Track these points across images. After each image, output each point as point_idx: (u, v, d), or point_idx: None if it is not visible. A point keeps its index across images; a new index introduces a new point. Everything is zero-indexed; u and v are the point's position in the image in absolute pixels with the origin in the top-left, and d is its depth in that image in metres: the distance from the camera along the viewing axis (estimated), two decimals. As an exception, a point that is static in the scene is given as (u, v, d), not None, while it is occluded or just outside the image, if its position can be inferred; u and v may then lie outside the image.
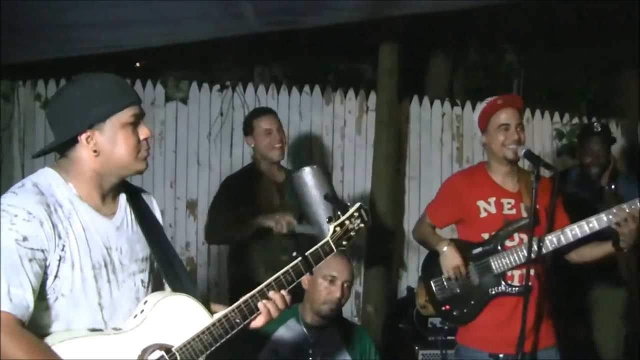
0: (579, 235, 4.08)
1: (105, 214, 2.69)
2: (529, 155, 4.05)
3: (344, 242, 3.00)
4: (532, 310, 4.12)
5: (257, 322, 2.83)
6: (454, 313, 4.30)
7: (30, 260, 2.47)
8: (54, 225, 2.53)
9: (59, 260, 2.54)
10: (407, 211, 7.05)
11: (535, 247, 4.03)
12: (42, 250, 2.50)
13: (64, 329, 2.57)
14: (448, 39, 7.81)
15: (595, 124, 6.02)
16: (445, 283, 4.30)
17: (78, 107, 2.59)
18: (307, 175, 4.59)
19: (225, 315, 2.74)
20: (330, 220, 3.01)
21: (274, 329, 3.96)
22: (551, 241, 4.10)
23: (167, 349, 2.65)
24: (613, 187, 5.60)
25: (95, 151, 2.61)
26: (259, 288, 2.82)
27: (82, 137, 2.60)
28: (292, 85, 6.94)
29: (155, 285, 2.85)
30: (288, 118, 6.70)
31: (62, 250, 2.54)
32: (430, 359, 5.52)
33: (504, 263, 4.15)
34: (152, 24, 5.21)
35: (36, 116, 6.53)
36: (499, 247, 4.17)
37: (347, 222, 3.01)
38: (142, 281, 2.77)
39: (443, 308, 4.32)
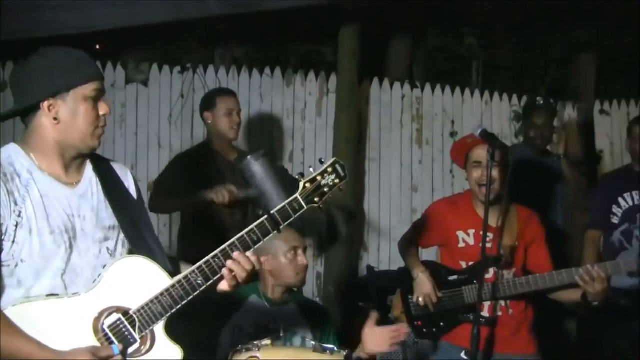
0: (548, 285, 4.26)
1: (67, 182, 2.75)
2: (485, 134, 4.14)
3: (316, 199, 2.88)
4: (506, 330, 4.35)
5: (223, 285, 2.79)
6: (424, 330, 4.49)
7: None
8: (9, 193, 2.60)
9: (16, 226, 2.60)
10: (368, 192, 7.11)
11: (505, 286, 4.28)
12: None
13: (25, 294, 2.61)
14: (408, 22, 7.85)
15: (538, 98, 6.22)
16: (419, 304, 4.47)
17: (43, 76, 2.67)
18: (253, 164, 4.58)
19: (186, 277, 2.72)
20: (301, 177, 2.90)
21: (236, 306, 4.03)
22: (521, 284, 4.28)
23: (125, 312, 2.66)
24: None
25: (55, 119, 2.68)
26: (221, 247, 2.77)
27: (45, 105, 2.68)
28: (252, 67, 6.95)
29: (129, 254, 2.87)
30: (249, 100, 6.73)
31: (19, 216, 2.60)
32: (389, 336, 5.58)
33: (476, 296, 4.26)
34: (113, 5, 5.21)
35: (-6, 97, 6.49)
36: (474, 281, 4.31)
37: (319, 177, 2.89)
38: (109, 249, 2.79)
39: (415, 323, 4.51)
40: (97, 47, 7.11)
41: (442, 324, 4.42)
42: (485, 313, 4.32)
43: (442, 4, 7.45)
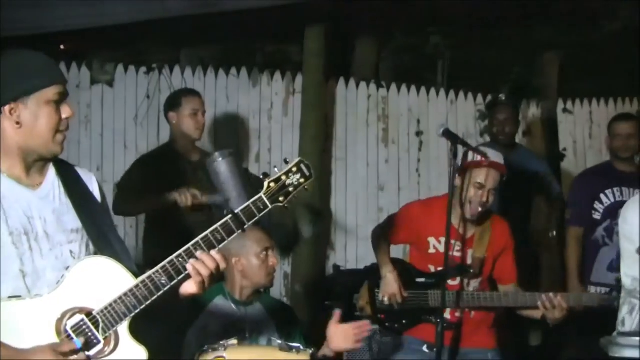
0: (511, 304, 4.38)
1: (27, 185, 2.74)
2: (447, 133, 4.17)
3: (281, 198, 2.85)
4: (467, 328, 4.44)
5: (190, 287, 2.78)
6: (387, 324, 4.57)
7: None
8: None
9: None
10: (334, 191, 7.14)
11: (470, 297, 4.39)
12: None
13: None
14: (374, 21, 7.88)
15: (500, 95, 6.31)
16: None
17: (4, 80, 2.65)
18: (219, 162, 4.56)
19: (150, 276, 2.70)
20: (265, 176, 2.87)
21: (203, 307, 4.04)
22: (485, 298, 4.39)
23: (88, 312, 2.63)
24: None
25: (17, 123, 2.66)
26: (185, 247, 2.75)
27: (6, 109, 2.65)
28: (219, 67, 6.95)
29: None
30: (215, 100, 6.72)
31: None
32: (356, 334, 5.61)
33: (440, 301, 4.26)
34: (76, 5, 5.19)
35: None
36: (441, 283, 4.32)
37: (283, 177, 2.85)
38: (72, 252, 2.76)
39: (379, 316, 4.58)
40: (62, 47, 7.08)
41: (404, 321, 4.48)
42: (447, 315, 4.37)
43: (408, 4, 7.49)
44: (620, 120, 5.77)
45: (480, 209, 4.35)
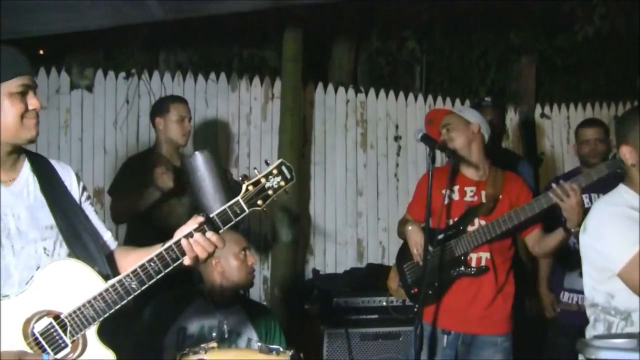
0: (529, 214, 4.30)
1: (0, 181, 2.72)
2: (425, 138, 4.21)
3: (259, 202, 2.79)
4: (488, 292, 4.45)
5: (185, 260, 2.76)
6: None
7: None
8: None
9: None
10: (313, 196, 7.16)
11: (490, 228, 4.36)
12: None
13: None
14: (351, 26, 7.91)
15: (485, 98, 6.26)
16: (413, 268, 4.57)
17: None
18: (198, 160, 4.58)
19: (120, 281, 2.67)
20: (244, 179, 2.81)
21: (183, 309, 4.06)
22: (504, 221, 4.33)
23: (56, 316, 2.62)
24: None
25: None
26: (157, 252, 2.74)
27: None
28: (197, 72, 6.96)
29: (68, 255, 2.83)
30: (194, 105, 6.71)
31: None
32: (336, 337, 5.64)
33: (464, 246, 4.38)
34: (53, 10, 5.18)
35: None
36: (461, 231, 4.39)
37: (263, 180, 2.79)
38: (46, 249, 2.75)
39: (412, 291, 4.59)
40: (41, 52, 7.06)
41: (436, 283, 4.43)
42: (474, 264, 4.41)
43: (383, 8, 7.53)
44: (587, 126, 5.77)
45: (446, 139, 4.52)
